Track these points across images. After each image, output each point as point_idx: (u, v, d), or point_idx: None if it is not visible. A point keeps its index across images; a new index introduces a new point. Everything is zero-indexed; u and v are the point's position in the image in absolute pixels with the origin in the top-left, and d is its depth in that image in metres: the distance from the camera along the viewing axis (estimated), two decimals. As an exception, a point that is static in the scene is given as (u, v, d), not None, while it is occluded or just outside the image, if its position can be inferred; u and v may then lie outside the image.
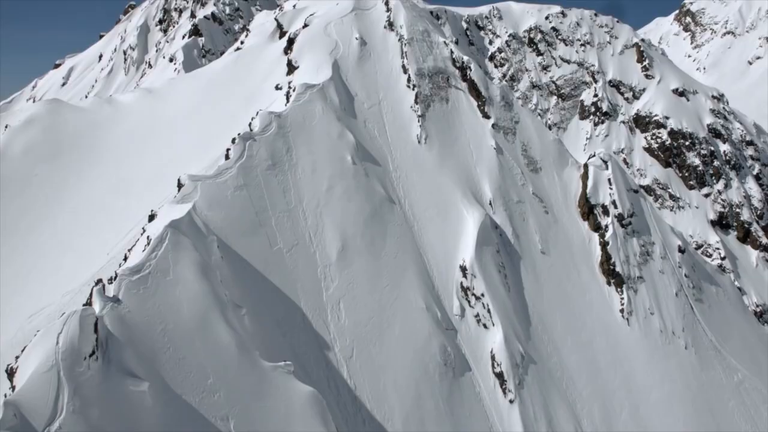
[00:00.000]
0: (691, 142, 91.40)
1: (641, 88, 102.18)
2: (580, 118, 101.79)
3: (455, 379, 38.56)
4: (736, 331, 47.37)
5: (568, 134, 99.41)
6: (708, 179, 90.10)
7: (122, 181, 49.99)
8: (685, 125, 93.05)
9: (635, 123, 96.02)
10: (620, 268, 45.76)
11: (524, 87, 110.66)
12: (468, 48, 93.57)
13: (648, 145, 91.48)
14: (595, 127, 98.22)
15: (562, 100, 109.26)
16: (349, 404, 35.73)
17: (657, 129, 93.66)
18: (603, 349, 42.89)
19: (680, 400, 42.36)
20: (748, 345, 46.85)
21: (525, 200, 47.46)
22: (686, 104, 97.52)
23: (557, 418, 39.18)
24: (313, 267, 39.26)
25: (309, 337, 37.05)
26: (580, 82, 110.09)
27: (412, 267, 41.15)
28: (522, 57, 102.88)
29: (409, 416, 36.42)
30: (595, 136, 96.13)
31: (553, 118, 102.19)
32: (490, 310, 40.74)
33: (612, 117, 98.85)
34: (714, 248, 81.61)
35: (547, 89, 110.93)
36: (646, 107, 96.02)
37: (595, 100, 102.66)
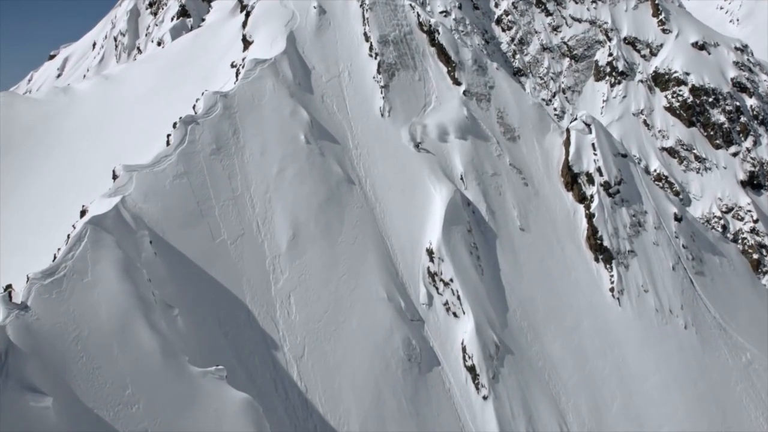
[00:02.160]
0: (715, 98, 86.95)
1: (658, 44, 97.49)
2: (596, 80, 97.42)
3: (421, 375, 35.75)
4: (744, 305, 43.78)
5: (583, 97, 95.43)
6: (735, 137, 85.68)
7: (73, 175, 47.68)
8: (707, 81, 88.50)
9: (654, 81, 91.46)
10: (608, 242, 42.40)
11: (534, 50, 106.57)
12: (473, 12, 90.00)
13: (669, 105, 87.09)
14: (612, 88, 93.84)
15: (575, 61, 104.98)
16: (299, 408, 33.25)
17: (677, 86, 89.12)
18: (591, 333, 39.79)
19: (679, 386, 39.14)
20: (757, 321, 43.29)
21: (501, 172, 44.29)
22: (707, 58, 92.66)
23: (538, 414, 36.31)
24: (261, 258, 36.69)
25: (255, 336, 34.58)
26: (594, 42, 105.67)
27: (373, 253, 38.33)
28: (530, 18, 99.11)
29: (368, 418, 33.89)
30: (612, 98, 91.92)
31: (566, 82, 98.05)
32: (460, 297, 37.91)
33: (629, 77, 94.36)
34: (745, 211, 77.63)
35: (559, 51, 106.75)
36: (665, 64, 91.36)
37: (610, 60, 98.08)
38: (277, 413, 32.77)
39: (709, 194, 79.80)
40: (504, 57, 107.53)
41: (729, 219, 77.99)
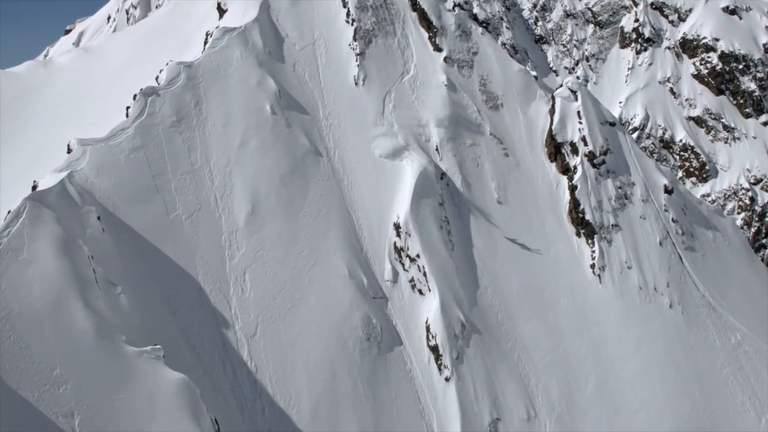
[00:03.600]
0: (746, 65, 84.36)
1: (687, 9, 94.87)
2: (621, 47, 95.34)
3: (380, 355, 35.15)
4: (738, 283, 42.10)
5: (608, 65, 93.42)
6: (766, 105, 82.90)
7: (46, 150, 47.76)
8: (737, 47, 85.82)
9: (682, 48, 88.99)
10: (590, 215, 41.06)
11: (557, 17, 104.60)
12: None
13: (697, 72, 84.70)
14: (638, 55, 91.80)
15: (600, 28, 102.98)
16: (248, 389, 32.91)
17: (706, 53, 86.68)
18: (568, 312, 38.65)
19: (660, 369, 37.89)
20: (752, 299, 41.61)
21: (480, 143, 43.13)
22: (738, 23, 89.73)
23: (504, 397, 35.46)
24: (217, 234, 36.32)
25: (205, 314, 34.27)
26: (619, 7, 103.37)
27: (337, 228, 37.68)
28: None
29: (320, 401, 33.38)
30: (638, 66, 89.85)
31: (590, 49, 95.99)
32: (426, 273, 37.07)
33: (656, 43, 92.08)
34: (775, 182, 75.55)
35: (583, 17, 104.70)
36: (693, 29, 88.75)
37: (636, 26, 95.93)
38: (224, 394, 32.44)
39: (737, 165, 77.63)
40: (525, 24, 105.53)
41: (757, 191, 75.82)
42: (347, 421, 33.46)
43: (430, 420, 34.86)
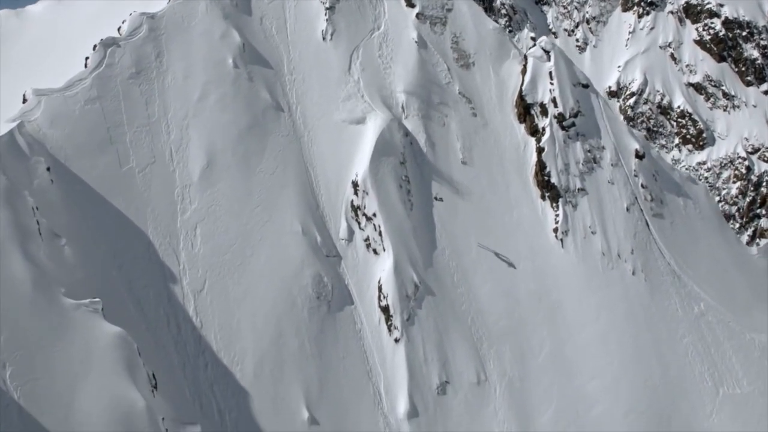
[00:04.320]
0: (749, 32, 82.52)
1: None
2: (623, 10, 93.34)
3: (330, 314, 35.10)
4: (706, 252, 41.54)
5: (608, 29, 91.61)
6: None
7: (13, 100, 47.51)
8: (742, 13, 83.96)
9: (685, 13, 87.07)
10: (556, 178, 40.50)
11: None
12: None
13: (699, 38, 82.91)
14: (640, 19, 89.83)
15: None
16: (191, 345, 32.98)
17: (710, 18, 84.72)
18: (527, 276, 38.39)
19: (618, 337, 37.61)
20: (719, 269, 41.05)
21: (448, 102, 42.57)
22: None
23: (454, 360, 35.39)
24: (170, 188, 36.23)
25: (153, 268, 34.25)
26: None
27: (293, 185, 37.49)
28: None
29: (265, 358, 33.48)
30: (639, 30, 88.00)
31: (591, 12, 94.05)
32: (381, 233, 36.74)
33: (658, 7, 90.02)
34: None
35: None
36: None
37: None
38: (166, 349, 32.48)
39: (735, 133, 76.33)
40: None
41: (754, 160, 74.64)
42: (291, 380, 33.51)
43: (377, 381, 34.86)
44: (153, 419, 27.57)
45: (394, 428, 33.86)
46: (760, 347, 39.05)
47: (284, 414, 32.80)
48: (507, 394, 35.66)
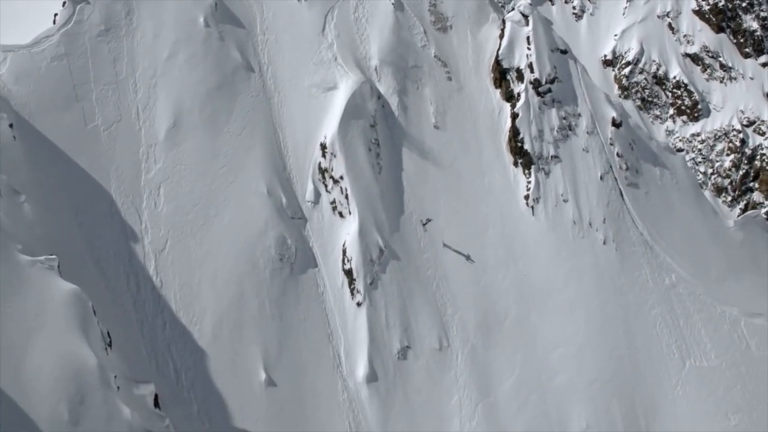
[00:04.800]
0: (749, 2, 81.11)
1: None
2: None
3: (293, 276, 34.96)
4: (680, 223, 41.17)
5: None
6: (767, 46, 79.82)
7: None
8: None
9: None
10: (529, 144, 40.09)
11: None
12: None
13: (698, 8, 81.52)
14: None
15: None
16: (150, 304, 33.03)
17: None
18: (495, 242, 38.17)
19: (585, 306, 37.48)
20: (693, 241, 40.71)
21: (423, 65, 42.12)
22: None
23: (417, 326, 35.39)
24: (135, 147, 36.11)
25: (114, 227, 34.19)
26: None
27: (260, 145, 37.28)
28: None
29: (224, 319, 33.48)
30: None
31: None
32: (348, 196, 36.46)
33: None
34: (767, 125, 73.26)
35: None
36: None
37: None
38: (124, 307, 32.51)
39: (731, 106, 75.43)
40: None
41: (749, 133, 73.82)
42: (250, 341, 33.57)
43: (338, 344, 34.88)
44: (104, 377, 27.56)
45: (352, 392, 33.88)
46: (731, 320, 38.80)
47: (242, 375, 32.87)
48: (469, 361, 35.63)
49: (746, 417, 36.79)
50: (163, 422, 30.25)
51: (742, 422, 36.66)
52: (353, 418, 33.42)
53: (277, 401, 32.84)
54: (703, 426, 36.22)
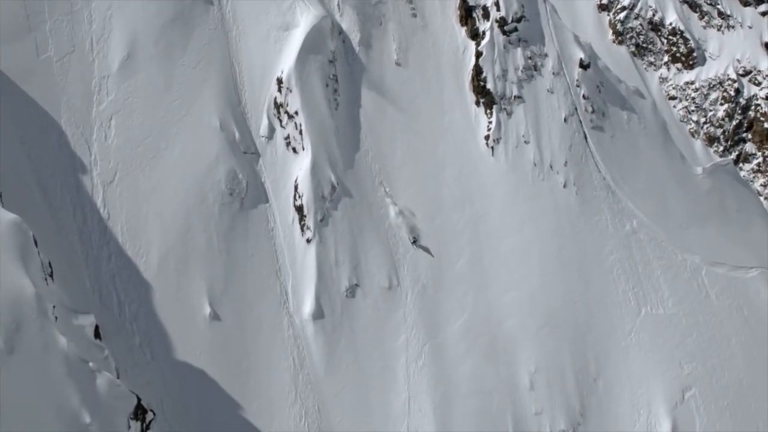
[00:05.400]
0: (750, -52, 78.49)
1: None
2: None
3: (242, 211, 34.83)
4: (646, 169, 40.60)
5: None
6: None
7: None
8: (744, -74, 79.62)
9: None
10: (492, 84, 39.38)
11: None
12: None
13: (698, -47, 78.64)
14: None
15: None
16: (96, 235, 33.01)
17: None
18: (453, 182, 37.89)
19: (541, 249, 37.21)
20: (658, 187, 40.18)
21: (388, 1, 40.84)
22: None
23: (366, 264, 35.35)
24: (88, 78, 35.90)
25: (63, 158, 34.15)
26: None
27: (215, 79, 36.97)
28: None
29: (170, 252, 33.52)
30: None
31: None
32: (302, 131, 35.98)
33: None
34: (764, 76, 71.69)
35: None
36: None
37: None
38: (70, 238, 32.49)
39: (727, 54, 73.72)
40: None
41: (744, 83, 72.28)
42: (195, 275, 33.64)
43: (286, 281, 34.87)
44: (42, 306, 27.72)
45: (298, 328, 33.96)
46: (692, 268, 38.41)
47: (186, 308, 33.04)
48: (418, 301, 35.58)
49: (700, 366, 36.59)
50: (102, 353, 30.47)
51: (695, 371, 36.51)
52: (298, 355, 33.53)
53: (220, 335, 32.99)
54: (655, 373, 36.15)
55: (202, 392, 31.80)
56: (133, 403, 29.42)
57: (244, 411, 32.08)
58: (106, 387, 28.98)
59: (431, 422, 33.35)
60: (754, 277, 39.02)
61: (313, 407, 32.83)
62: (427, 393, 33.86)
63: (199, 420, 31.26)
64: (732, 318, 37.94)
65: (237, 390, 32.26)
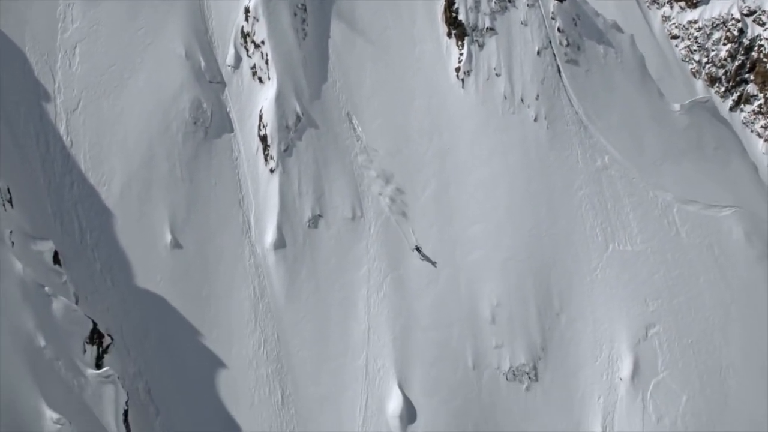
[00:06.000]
0: None
1: None
2: None
3: (207, 140, 35.11)
4: (621, 104, 40.14)
5: None
6: (777, -68, 75.31)
7: None
8: None
9: None
10: (464, 15, 39.01)
11: None
12: None
13: None
14: None
15: None
16: (59, 163, 33.61)
17: None
18: (421, 114, 37.87)
19: (509, 183, 37.18)
20: (632, 123, 39.79)
21: (363, -70, 40.22)
22: None
23: (330, 195, 35.51)
24: (53, 6, 36.14)
25: (26, 86, 34.23)
26: None
27: (182, 7, 37.16)
28: None
29: (133, 180, 34.03)
30: None
31: None
32: (268, 61, 35.68)
33: None
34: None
35: None
36: None
37: None
38: (32, 165, 32.88)
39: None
40: None
41: (748, 23, 70.59)
42: (158, 203, 34.00)
43: (248, 210, 35.10)
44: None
45: (259, 257, 34.28)
46: (663, 206, 38.15)
47: (147, 236, 33.44)
48: (382, 232, 35.77)
49: (665, 303, 36.58)
50: (61, 278, 30.93)
51: (660, 308, 36.52)
52: (258, 284, 33.88)
53: (182, 263, 33.41)
54: (619, 310, 36.28)
55: (162, 319, 32.33)
56: (89, 328, 29.98)
57: (204, 338, 32.61)
58: (61, 311, 29.48)
59: (390, 353, 33.74)
60: (727, 215, 38.67)
61: (272, 335, 33.29)
62: (386, 324, 34.20)
63: (158, 346, 31.89)
64: (701, 256, 37.73)
65: (197, 317, 32.78)
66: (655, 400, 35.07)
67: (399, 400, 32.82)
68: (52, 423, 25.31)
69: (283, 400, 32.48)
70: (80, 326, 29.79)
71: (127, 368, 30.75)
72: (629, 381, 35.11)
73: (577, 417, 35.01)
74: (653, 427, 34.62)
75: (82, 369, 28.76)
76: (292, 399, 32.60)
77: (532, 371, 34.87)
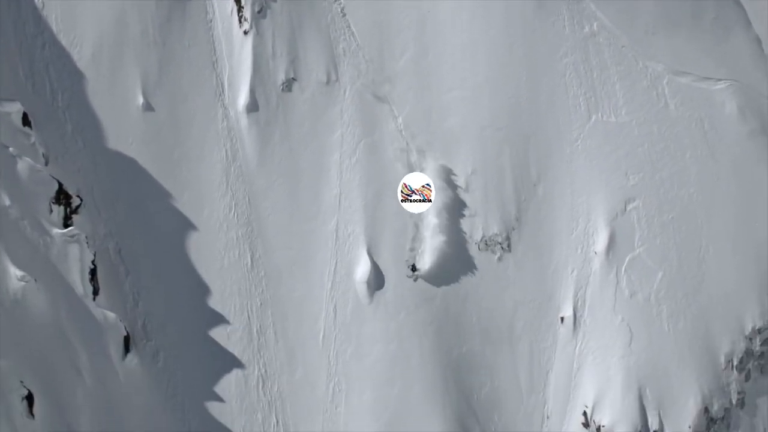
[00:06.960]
0: None
1: None
2: None
3: (180, 1, 35.16)
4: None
5: None
6: None
7: None
8: None
9: None
10: None
11: None
12: None
13: None
14: None
15: None
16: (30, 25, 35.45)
17: None
18: (401, -21, 36.13)
19: (489, 48, 36.52)
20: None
21: None
22: None
23: (305, 58, 35.70)
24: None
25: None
26: None
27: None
28: None
29: (104, 42, 35.89)
30: None
31: None
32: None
33: None
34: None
35: None
36: None
37: None
38: (3, 27, 33.52)
39: None
40: None
41: None
42: (130, 65, 34.62)
43: (222, 73, 35.29)
44: (-37, 90, 28.12)
45: (232, 120, 34.58)
46: (652, 77, 37.00)
47: (119, 98, 33.91)
48: (356, 97, 35.59)
49: (647, 178, 35.92)
50: (29, 140, 31.40)
51: (641, 182, 35.89)
52: (231, 147, 34.18)
53: (153, 125, 33.84)
54: (598, 182, 35.77)
55: (133, 181, 33.09)
56: (54, 188, 30.81)
57: (174, 200, 33.28)
58: (26, 172, 30.19)
59: (361, 219, 34.15)
60: (721, 89, 37.34)
61: (243, 199, 33.78)
62: (358, 189, 34.44)
63: (129, 208, 32.73)
64: (690, 130, 36.72)
65: (168, 179, 33.39)
66: (629, 276, 34.94)
67: (367, 266, 33.41)
68: (16, 280, 26.35)
69: (252, 263, 33.21)
70: (46, 187, 30.55)
71: (97, 229, 31.63)
72: (604, 255, 34.96)
73: (549, 289, 35.18)
74: (626, 303, 34.60)
75: (47, 228, 29.68)
76: (261, 262, 33.33)
77: (505, 241, 34.94)
